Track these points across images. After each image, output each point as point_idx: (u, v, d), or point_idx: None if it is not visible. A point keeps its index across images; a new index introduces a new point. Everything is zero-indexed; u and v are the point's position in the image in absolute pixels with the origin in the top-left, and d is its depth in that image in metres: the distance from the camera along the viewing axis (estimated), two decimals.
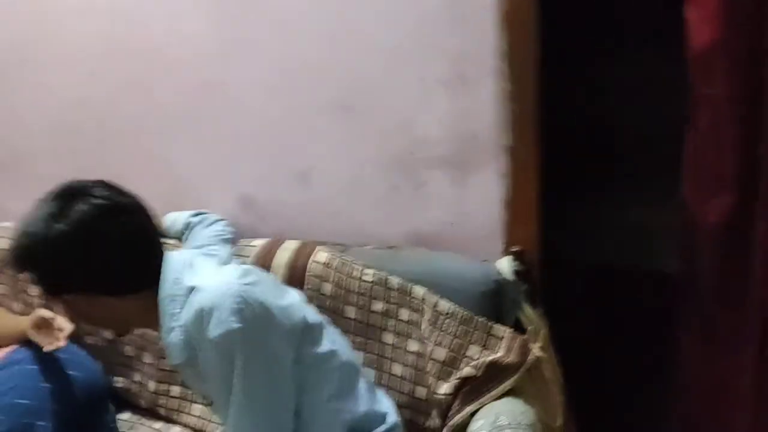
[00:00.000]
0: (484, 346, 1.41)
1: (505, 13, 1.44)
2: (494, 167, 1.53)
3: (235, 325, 1.05)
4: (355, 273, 1.51)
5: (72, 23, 1.81)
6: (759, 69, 1.29)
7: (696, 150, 1.42)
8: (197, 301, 1.08)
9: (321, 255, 1.55)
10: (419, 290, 1.46)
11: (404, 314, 1.48)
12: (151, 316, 1.15)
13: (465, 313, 1.42)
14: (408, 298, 1.47)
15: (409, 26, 1.51)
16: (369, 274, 1.50)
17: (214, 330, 1.05)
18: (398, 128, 1.58)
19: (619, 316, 2.05)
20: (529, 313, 1.45)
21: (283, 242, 1.61)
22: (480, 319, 1.42)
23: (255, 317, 1.07)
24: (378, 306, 1.49)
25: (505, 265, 1.47)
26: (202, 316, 1.07)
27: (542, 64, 1.47)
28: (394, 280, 1.48)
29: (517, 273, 1.46)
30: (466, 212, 1.58)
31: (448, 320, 1.43)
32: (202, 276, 1.15)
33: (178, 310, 1.12)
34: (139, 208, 1.16)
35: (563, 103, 1.78)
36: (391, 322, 1.49)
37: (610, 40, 2.09)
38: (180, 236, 1.60)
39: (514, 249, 1.48)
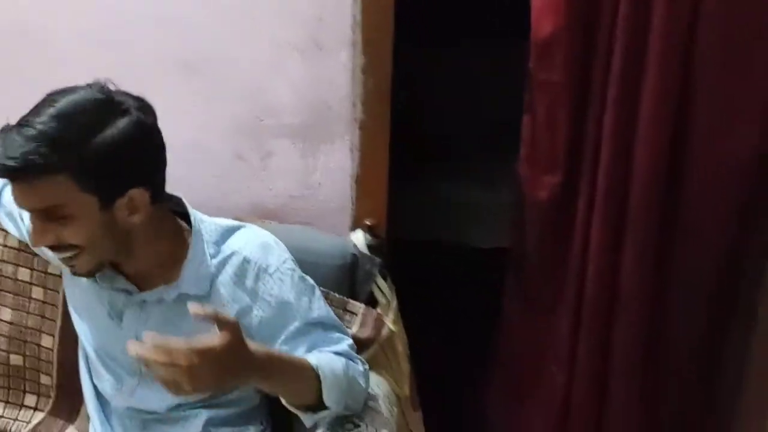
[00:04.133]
0: None
1: None
2: (345, 140, 1.50)
3: (288, 256, 1.23)
4: None
5: None
6: (591, 59, 1.43)
7: (532, 132, 1.53)
8: (255, 238, 1.21)
9: None
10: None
11: None
12: (150, 240, 1.14)
13: (321, 289, 1.39)
14: None
15: None
16: None
17: (282, 257, 1.20)
18: (247, 93, 1.48)
19: (450, 287, 2.17)
20: (382, 286, 1.46)
21: None
22: (336, 296, 1.40)
23: None
24: None
25: (360, 239, 1.46)
26: (268, 249, 1.20)
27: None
28: None
29: (370, 246, 1.46)
30: (314, 185, 1.54)
31: None
32: (224, 221, 1.24)
33: (210, 248, 1.18)
34: None
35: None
36: None
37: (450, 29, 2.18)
38: None
39: (368, 222, 1.48)
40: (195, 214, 1.21)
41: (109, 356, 1.25)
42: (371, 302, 1.44)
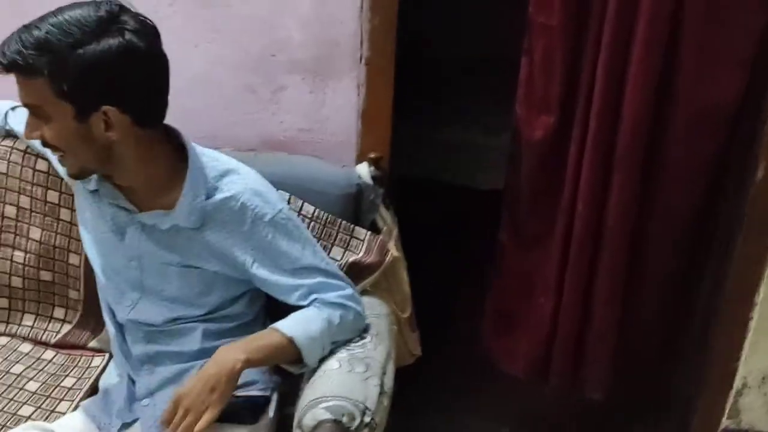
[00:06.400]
0: (347, 248, 1.50)
1: None
2: (352, 76, 1.58)
3: (283, 205, 1.31)
4: None
5: None
6: (588, 5, 1.51)
7: (529, 74, 1.62)
8: (252, 183, 1.27)
9: None
10: (284, 194, 1.48)
11: None
12: (139, 160, 1.20)
13: (329, 216, 1.49)
14: None
15: None
16: None
17: (277, 206, 1.28)
18: (257, 29, 1.55)
19: (453, 226, 2.27)
20: (385, 215, 1.56)
21: None
22: (343, 222, 1.50)
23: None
24: None
25: (364, 170, 1.56)
26: (264, 196, 1.27)
27: None
28: None
29: (374, 178, 1.56)
30: (322, 119, 1.62)
31: (312, 223, 1.48)
32: (224, 160, 1.30)
33: (209, 182, 1.24)
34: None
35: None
36: None
37: None
38: None
39: (372, 155, 1.57)
40: (194, 148, 1.25)
41: (114, 270, 1.33)
42: (374, 230, 1.54)
